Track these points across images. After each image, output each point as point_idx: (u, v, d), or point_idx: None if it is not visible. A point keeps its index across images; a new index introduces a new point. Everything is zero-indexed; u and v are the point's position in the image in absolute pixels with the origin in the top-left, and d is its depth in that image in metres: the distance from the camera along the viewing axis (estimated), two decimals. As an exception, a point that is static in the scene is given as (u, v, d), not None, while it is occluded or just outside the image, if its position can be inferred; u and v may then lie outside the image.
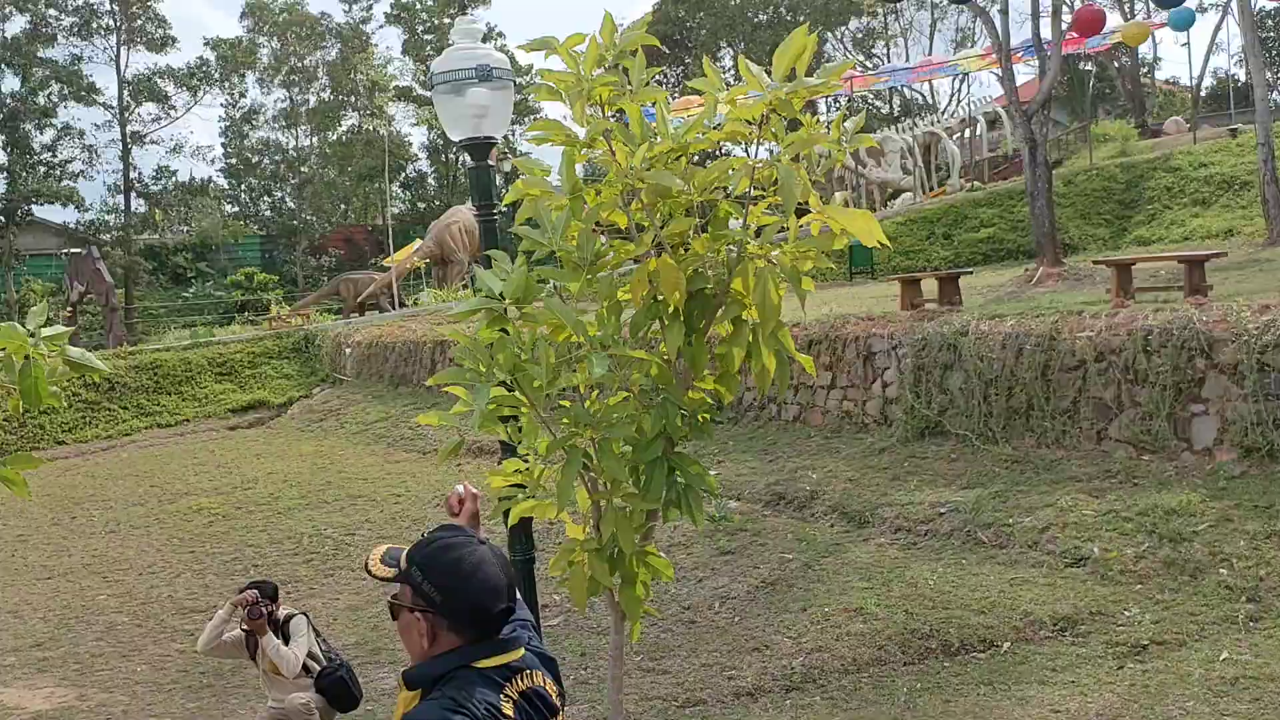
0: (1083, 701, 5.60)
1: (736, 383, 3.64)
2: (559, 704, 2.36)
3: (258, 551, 11.21)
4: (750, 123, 3.48)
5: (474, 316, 3.63)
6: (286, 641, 6.17)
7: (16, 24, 39.76)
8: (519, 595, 2.40)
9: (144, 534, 12.71)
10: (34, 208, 39.71)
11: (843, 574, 7.86)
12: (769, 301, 3.25)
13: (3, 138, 38.90)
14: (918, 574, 7.55)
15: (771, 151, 3.52)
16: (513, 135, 40.08)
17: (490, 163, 4.83)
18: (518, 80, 4.92)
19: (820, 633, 6.98)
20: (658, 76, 3.63)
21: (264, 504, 13.27)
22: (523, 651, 2.33)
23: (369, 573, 2.39)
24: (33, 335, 3.47)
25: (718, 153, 3.95)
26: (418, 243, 29.50)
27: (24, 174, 38.64)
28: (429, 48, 48.06)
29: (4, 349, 3.52)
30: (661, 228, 3.61)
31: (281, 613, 6.30)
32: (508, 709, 2.18)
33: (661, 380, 3.67)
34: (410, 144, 48.92)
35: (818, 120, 3.54)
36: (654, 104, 3.76)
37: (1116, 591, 6.83)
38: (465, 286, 26.70)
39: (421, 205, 48.56)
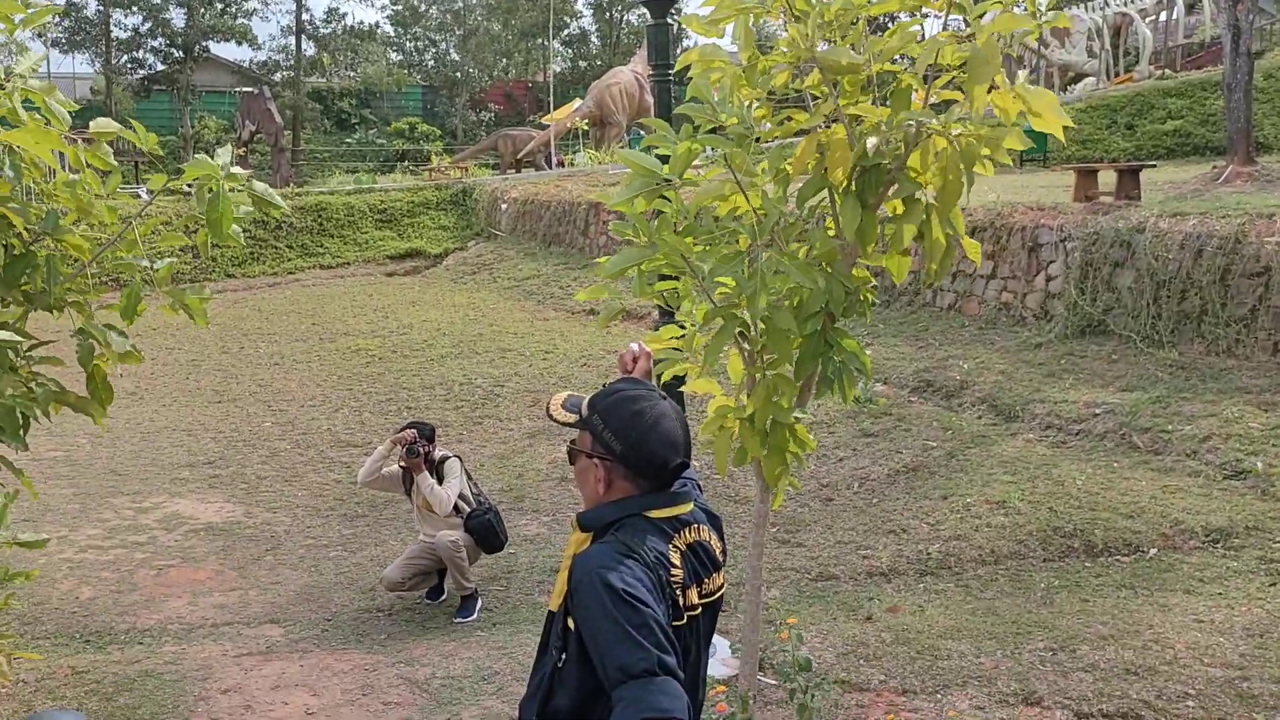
0: (1229, 614, 5.45)
1: (908, 263, 3.55)
2: (721, 559, 2.42)
3: (410, 395, 11.67)
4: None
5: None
6: (440, 481, 6.47)
7: None
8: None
9: (305, 368, 13.37)
10: (210, 44, 40.91)
11: (986, 466, 7.75)
12: (950, 182, 3.14)
13: (185, -28, 39.89)
14: (1065, 473, 7.38)
15: (947, 26, 3.35)
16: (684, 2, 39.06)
17: (669, 20, 4.73)
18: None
19: (959, 521, 6.93)
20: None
21: (418, 350, 13.76)
22: (691, 505, 2.38)
23: (550, 417, 2.45)
24: (223, 169, 3.59)
25: (896, 16, 3.76)
26: (577, 102, 29.38)
27: (202, 9, 39.70)
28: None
29: (197, 179, 3.65)
30: (836, 93, 3.49)
31: (437, 453, 6.61)
32: (675, 558, 2.24)
33: (826, 255, 3.61)
34: (575, 0, 48.31)
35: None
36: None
37: (1276, 508, 6.56)
38: (623, 148, 26.61)
39: (583, 64, 48.17)
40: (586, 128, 28.28)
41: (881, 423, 8.89)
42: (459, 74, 46.05)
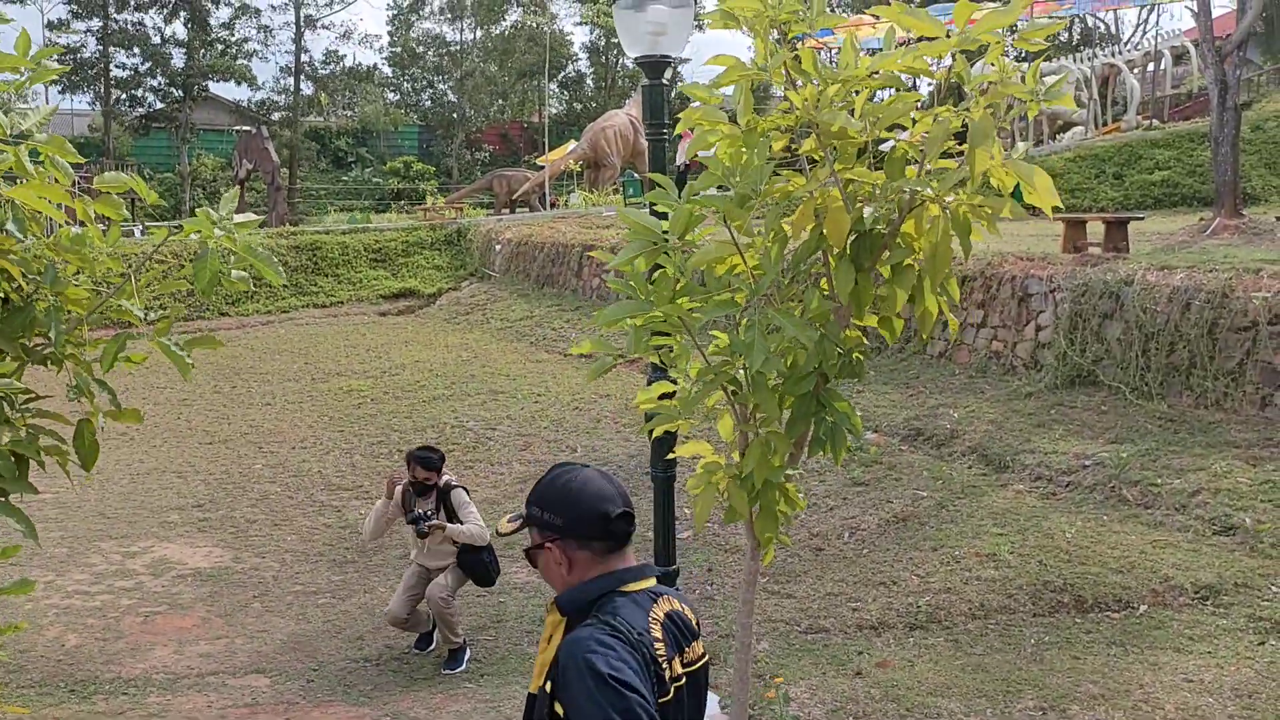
0: (1218, 673, 5.45)
1: (900, 325, 3.59)
2: (697, 629, 2.43)
3: (402, 437, 11.66)
4: (935, 60, 3.38)
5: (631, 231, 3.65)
6: (451, 513, 6.49)
7: (202, -98, 40.78)
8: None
9: (297, 409, 13.36)
10: (209, 84, 41.22)
11: (977, 517, 7.77)
12: (942, 250, 3.19)
13: (184, 13, 40.27)
14: (1055, 525, 7.40)
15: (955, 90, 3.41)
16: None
17: (664, 82, 4.80)
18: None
19: (949, 574, 6.94)
20: None
21: (410, 391, 13.76)
22: (654, 580, 2.40)
23: (500, 534, 2.51)
24: (222, 221, 3.61)
25: (899, 86, 3.83)
26: (572, 143, 29.62)
27: (202, 50, 40.03)
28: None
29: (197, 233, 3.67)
30: (833, 157, 3.55)
31: (442, 479, 6.60)
32: (656, 630, 2.25)
33: (820, 316, 3.65)
34: (571, 43, 48.80)
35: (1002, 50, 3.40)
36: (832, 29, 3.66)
37: (1265, 565, 6.58)
38: (616, 191, 26.78)
39: (578, 106, 48.57)
40: (581, 169, 28.48)
41: (872, 471, 8.91)
42: (455, 114, 46.38)
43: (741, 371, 3.70)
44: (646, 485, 8.91)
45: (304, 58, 43.17)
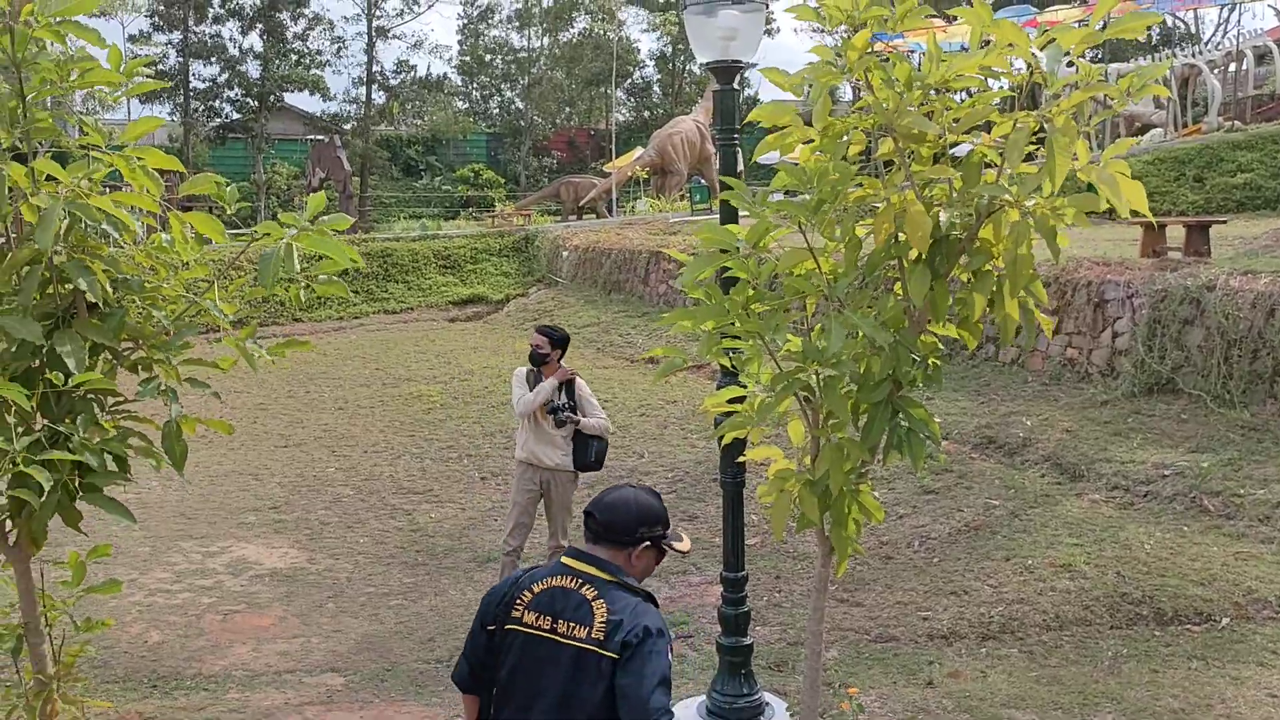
0: (1305, 691, 5.31)
1: (979, 330, 3.56)
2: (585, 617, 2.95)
3: (471, 442, 11.78)
4: (1017, 63, 3.34)
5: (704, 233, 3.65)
6: (575, 403, 6.93)
7: (278, -84, 41.69)
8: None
9: (369, 414, 13.56)
10: (284, 94, 42.07)
11: (1051, 527, 7.64)
12: (1021, 255, 3.15)
13: (261, 25, 41.15)
14: (1133, 536, 7.25)
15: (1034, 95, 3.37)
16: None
17: (734, 87, 4.81)
18: None
19: (1022, 584, 6.83)
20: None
21: (479, 396, 13.90)
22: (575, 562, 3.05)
23: (685, 552, 3.16)
24: (313, 221, 3.69)
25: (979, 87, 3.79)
26: (639, 150, 29.69)
27: (277, 61, 40.86)
28: (665, -48, 47.73)
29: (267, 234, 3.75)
30: (910, 161, 3.52)
31: (560, 361, 7.05)
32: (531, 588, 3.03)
33: (894, 322, 3.63)
34: (638, 50, 48.96)
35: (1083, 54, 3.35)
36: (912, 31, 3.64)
37: (1355, 580, 6.39)
38: (683, 197, 26.80)
39: (645, 113, 48.72)
40: (648, 176, 28.55)
41: (943, 479, 8.81)
42: (523, 122, 46.79)
43: (814, 377, 3.69)
44: (715, 491, 8.90)
45: (376, 68, 43.86)
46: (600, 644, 2.78)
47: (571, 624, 2.82)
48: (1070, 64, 3.26)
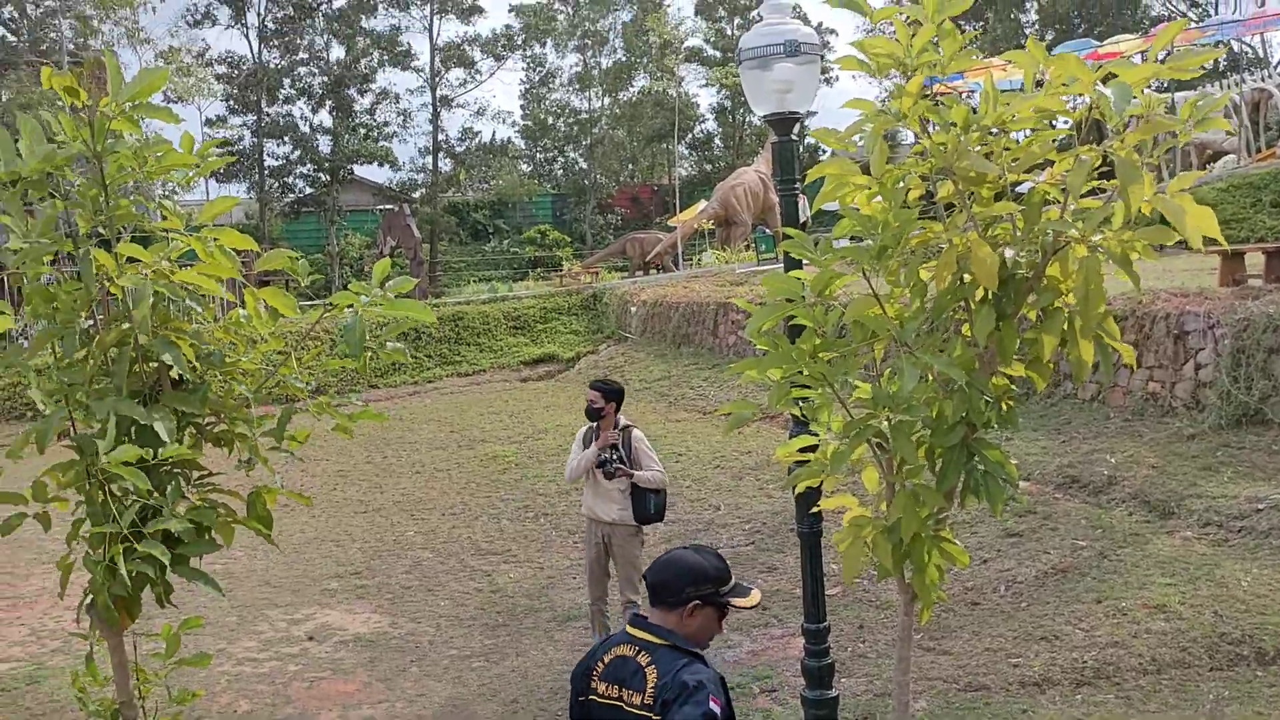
0: None
1: (1049, 371, 3.50)
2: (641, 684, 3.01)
3: (547, 501, 11.83)
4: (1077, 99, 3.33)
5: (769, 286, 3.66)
6: (630, 454, 6.92)
7: (343, -3, 43.14)
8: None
9: (446, 476, 13.70)
10: (354, 167, 43.21)
11: (1142, 567, 7.42)
12: (1092, 292, 3.11)
13: (330, 103, 42.39)
14: (1229, 573, 7.01)
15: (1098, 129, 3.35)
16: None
17: (793, 137, 4.84)
18: (825, 45, 4.88)
19: (1115, 627, 6.63)
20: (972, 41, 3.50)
21: (553, 455, 13.95)
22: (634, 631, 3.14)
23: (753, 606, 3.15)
24: (380, 288, 3.79)
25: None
26: (703, 203, 29.86)
27: (346, 135, 42.02)
28: (721, 8, 48.34)
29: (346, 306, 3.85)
30: (970, 203, 3.51)
31: (622, 420, 7.02)
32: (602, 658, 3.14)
33: (964, 364, 3.59)
34: (698, 105, 49.43)
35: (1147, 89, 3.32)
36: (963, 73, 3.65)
37: None
38: (748, 248, 26.86)
39: (708, 166, 49.06)
40: (712, 228, 28.68)
41: (1026, 521, 8.62)
42: (587, 181, 47.39)
43: (885, 423, 3.66)
44: (793, 542, 8.81)
45: (441, 136, 44.86)
46: (651, 709, 2.87)
47: (630, 691, 2.93)
48: (1132, 98, 3.24)
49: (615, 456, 6.93)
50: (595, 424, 7.11)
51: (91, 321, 3.88)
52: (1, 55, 38.54)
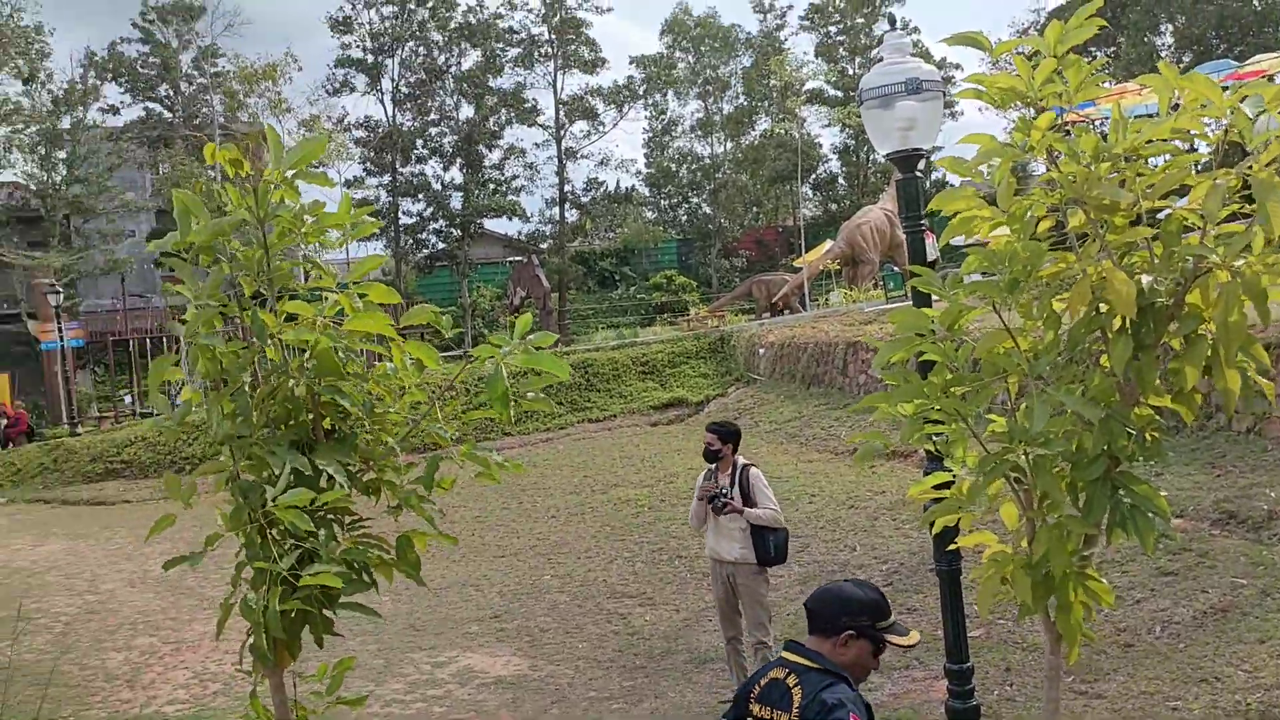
0: None
1: (1196, 402, 3.41)
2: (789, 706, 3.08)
3: (681, 543, 11.86)
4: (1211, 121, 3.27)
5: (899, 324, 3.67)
6: (746, 492, 6.87)
7: (471, 58, 44.68)
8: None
9: (580, 520, 13.87)
10: (484, 221, 44.50)
11: (1309, 606, 7.05)
12: (1236, 318, 3.03)
13: (460, 160, 43.83)
14: (1405, 612, 6.61)
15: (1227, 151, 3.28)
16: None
17: (917, 174, 4.85)
18: (949, 80, 4.88)
19: (1281, 669, 6.31)
20: (1100, 68, 3.47)
21: (684, 498, 13.98)
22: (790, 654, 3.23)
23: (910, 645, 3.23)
24: (520, 341, 3.93)
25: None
26: (828, 243, 29.75)
27: (476, 191, 43.35)
28: (841, 49, 48.35)
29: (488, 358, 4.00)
30: (1104, 232, 3.47)
31: (740, 460, 6.97)
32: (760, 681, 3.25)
33: (1103, 395, 3.53)
34: (820, 145, 49.39)
35: None
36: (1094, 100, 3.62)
37: None
38: (876, 286, 26.59)
39: (832, 206, 48.91)
40: (839, 268, 28.51)
41: (1181, 559, 8.28)
42: (711, 225, 47.72)
43: (1023, 457, 3.61)
44: (931, 582, 8.65)
45: (567, 188, 45.87)
46: None
47: (779, 712, 3.01)
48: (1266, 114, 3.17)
49: (722, 490, 6.95)
50: (714, 465, 7.15)
51: (252, 377, 4.12)
52: (159, 131, 41.06)
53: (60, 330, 30.02)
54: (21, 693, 8.11)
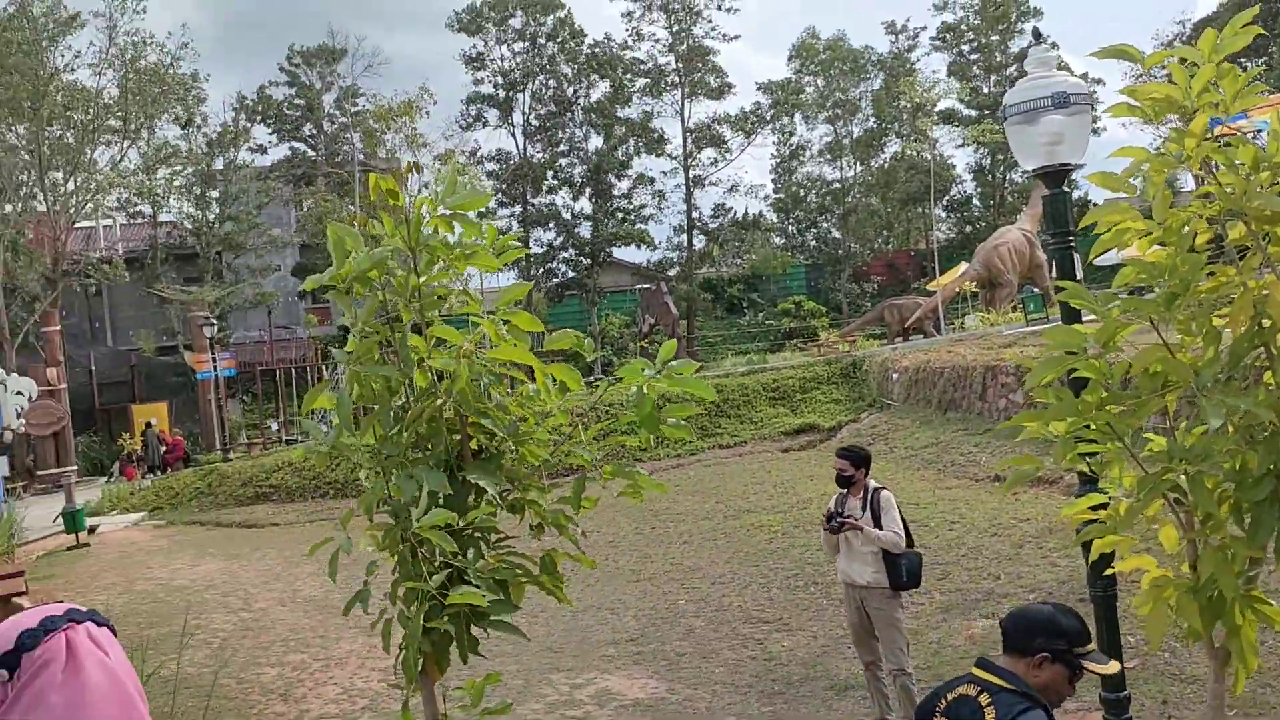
0: None
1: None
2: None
3: (816, 569, 11.74)
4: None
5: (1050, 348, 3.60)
6: (877, 516, 6.77)
7: (599, 90, 45.45)
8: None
9: (713, 546, 13.85)
10: (613, 249, 45.08)
11: None
12: None
13: (589, 190, 44.56)
14: None
15: None
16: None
17: (1064, 189, 4.75)
18: (1093, 96, 4.76)
19: None
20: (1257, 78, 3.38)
21: (818, 523, 13.82)
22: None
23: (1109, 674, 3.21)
24: (663, 365, 3.99)
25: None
26: (963, 266, 29.19)
27: (605, 220, 43.98)
28: (975, 67, 47.55)
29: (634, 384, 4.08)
30: (1265, 244, 3.35)
31: (871, 483, 6.90)
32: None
33: (1270, 411, 3.39)
34: (954, 165, 48.56)
35: None
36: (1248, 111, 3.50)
37: None
38: (1015, 309, 25.94)
39: (967, 228, 47.97)
40: (975, 290, 27.93)
41: (1353, 591, 7.82)
42: (841, 250, 47.30)
43: (1183, 477, 3.49)
44: (1084, 612, 8.37)
45: (695, 214, 46.10)
46: None
47: None
48: None
49: (838, 511, 6.91)
50: (845, 490, 7.08)
51: (403, 400, 4.29)
52: (303, 169, 42.93)
53: (214, 360, 31.55)
54: (186, 704, 8.51)
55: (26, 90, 31.93)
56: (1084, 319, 4.26)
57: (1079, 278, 4.92)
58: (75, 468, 29.81)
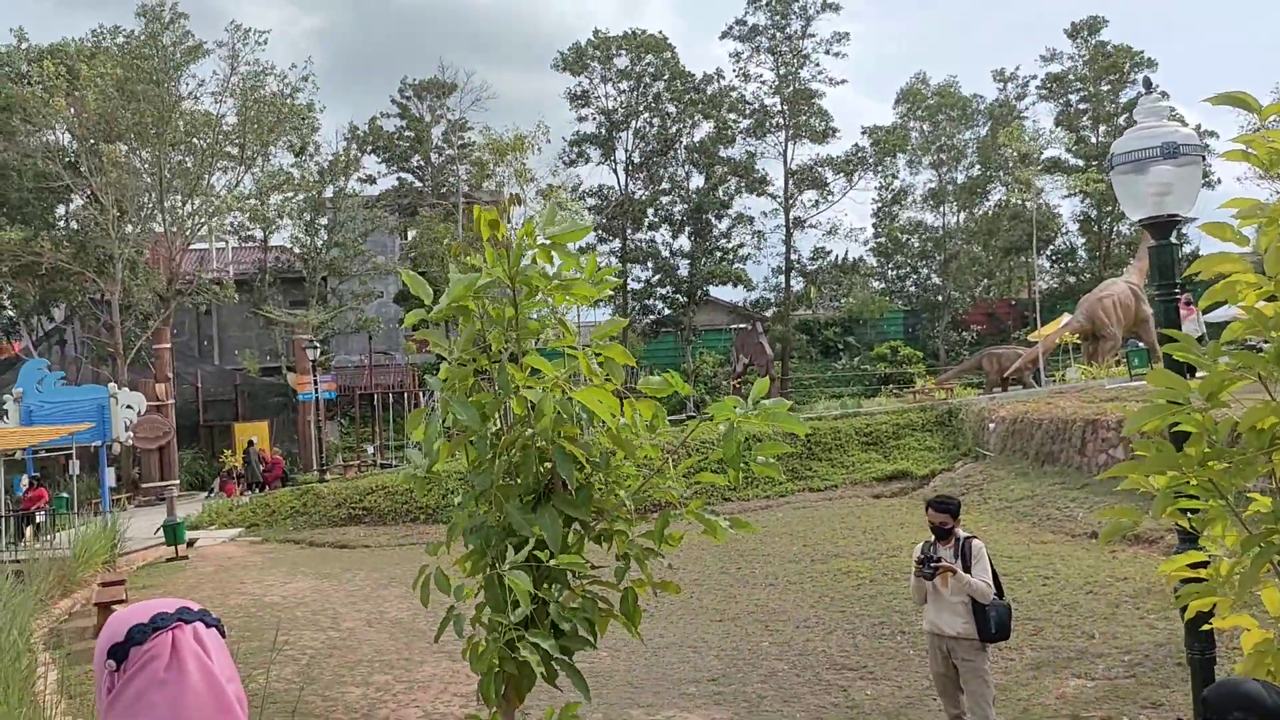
0: None
1: None
2: None
3: (904, 618, 11.53)
4: None
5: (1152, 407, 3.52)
6: (966, 563, 6.67)
7: (702, 129, 45.78)
8: None
9: (799, 589, 13.70)
10: (710, 288, 45.19)
11: None
12: None
13: (689, 228, 44.79)
14: None
15: None
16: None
17: (1172, 241, 4.65)
18: (1205, 148, 4.65)
19: None
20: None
21: (907, 571, 13.56)
22: None
23: None
24: (755, 404, 4.01)
25: None
26: (1066, 317, 28.55)
27: (703, 259, 44.12)
28: (1085, 117, 46.76)
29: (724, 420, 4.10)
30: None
31: (961, 533, 6.82)
32: None
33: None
34: (1059, 215, 47.64)
35: None
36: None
37: None
38: (1118, 363, 25.27)
39: (1070, 279, 46.98)
40: (1077, 342, 27.28)
41: None
42: (940, 297, 46.65)
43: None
44: (1181, 677, 8.08)
45: (794, 256, 45.98)
46: None
47: None
48: None
49: (929, 557, 6.80)
50: (937, 541, 6.96)
51: (497, 427, 4.37)
52: (410, 199, 44.00)
53: (315, 383, 32.37)
54: (272, 719, 8.69)
55: (152, 116, 33.40)
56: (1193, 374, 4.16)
57: (1200, 336, 4.80)
58: (178, 482, 30.83)
